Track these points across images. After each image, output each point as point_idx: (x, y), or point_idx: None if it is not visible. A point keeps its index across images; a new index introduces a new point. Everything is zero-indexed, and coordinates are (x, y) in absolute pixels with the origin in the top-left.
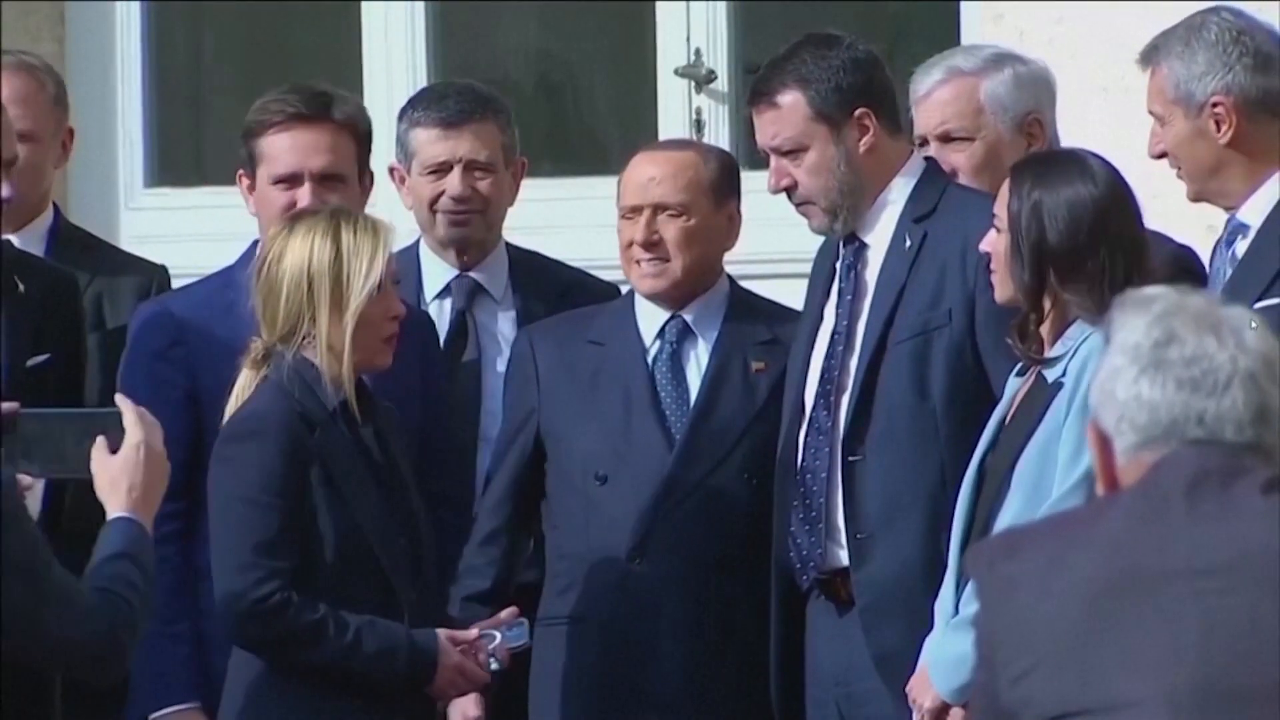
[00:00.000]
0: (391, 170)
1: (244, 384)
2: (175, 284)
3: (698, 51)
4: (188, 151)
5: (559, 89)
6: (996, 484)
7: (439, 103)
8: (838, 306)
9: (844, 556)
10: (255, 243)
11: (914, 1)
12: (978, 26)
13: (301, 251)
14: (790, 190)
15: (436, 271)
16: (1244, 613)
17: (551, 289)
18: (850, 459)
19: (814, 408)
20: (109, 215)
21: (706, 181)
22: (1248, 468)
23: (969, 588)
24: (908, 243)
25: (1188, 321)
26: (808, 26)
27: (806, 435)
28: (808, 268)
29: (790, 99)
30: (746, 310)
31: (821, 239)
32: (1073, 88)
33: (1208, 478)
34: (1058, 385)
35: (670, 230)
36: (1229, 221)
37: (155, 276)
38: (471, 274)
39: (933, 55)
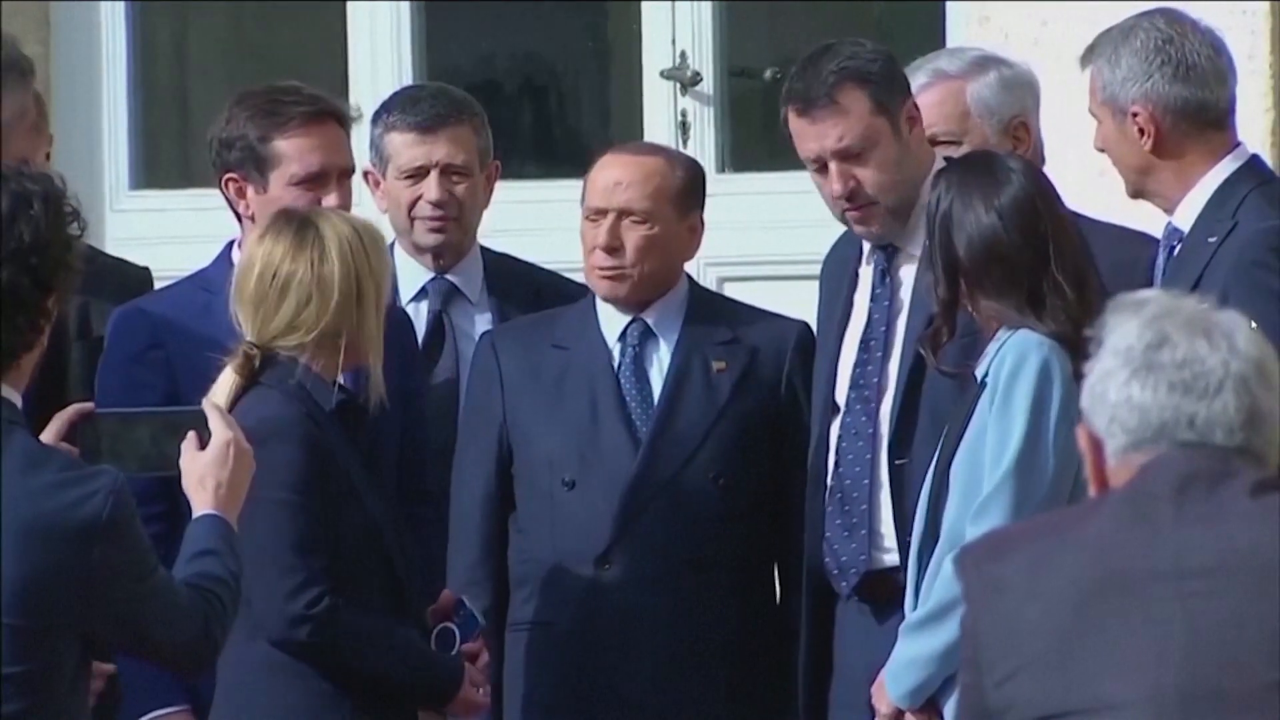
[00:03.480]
0: (366, 174)
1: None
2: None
3: (683, 54)
4: (173, 154)
5: (544, 91)
6: (938, 485)
7: (414, 106)
8: (872, 311)
9: (887, 559)
10: (230, 244)
11: (899, 3)
12: (963, 28)
13: (341, 256)
14: (853, 194)
15: (412, 274)
16: (1229, 616)
17: (526, 291)
18: (897, 462)
19: (848, 412)
20: (94, 217)
21: (673, 190)
22: (1236, 470)
23: (938, 590)
24: None
25: (1180, 324)
26: (793, 29)
27: (841, 440)
28: (796, 270)
29: (851, 96)
30: (706, 310)
31: (825, 242)
32: (1057, 89)
33: (1196, 480)
34: (983, 385)
35: (632, 237)
36: (1167, 226)
37: (140, 280)
38: (447, 276)
39: (918, 57)
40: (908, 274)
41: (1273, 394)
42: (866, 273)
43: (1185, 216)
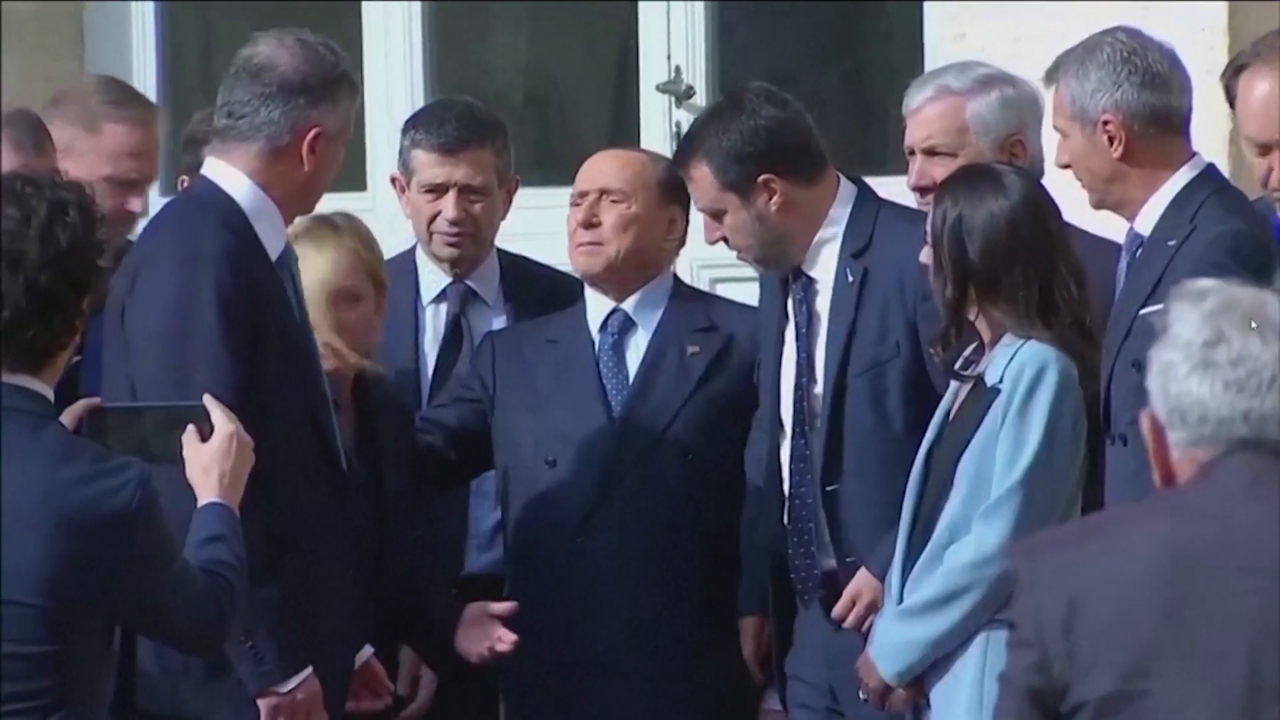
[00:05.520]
0: (394, 179)
1: None
2: None
3: (677, 69)
4: None
5: (546, 102)
6: (941, 480)
7: (439, 127)
8: (796, 339)
9: (829, 563)
10: None
11: (882, 22)
12: (941, 45)
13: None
14: (725, 242)
15: (432, 278)
16: None
17: (540, 292)
18: (829, 488)
19: (794, 435)
20: None
21: (651, 178)
22: None
23: (940, 581)
24: (850, 279)
25: (1235, 321)
26: (780, 48)
27: (791, 462)
28: None
29: (699, 172)
30: (687, 302)
31: None
32: None
33: (1263, 480)
34: (995, 390)
35: (610, 215)
36: (1129, 232)
37: None
38: (466, 281)
39: (900, 72)
40: (823, 304)
41: None
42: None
43: (1146, 222)
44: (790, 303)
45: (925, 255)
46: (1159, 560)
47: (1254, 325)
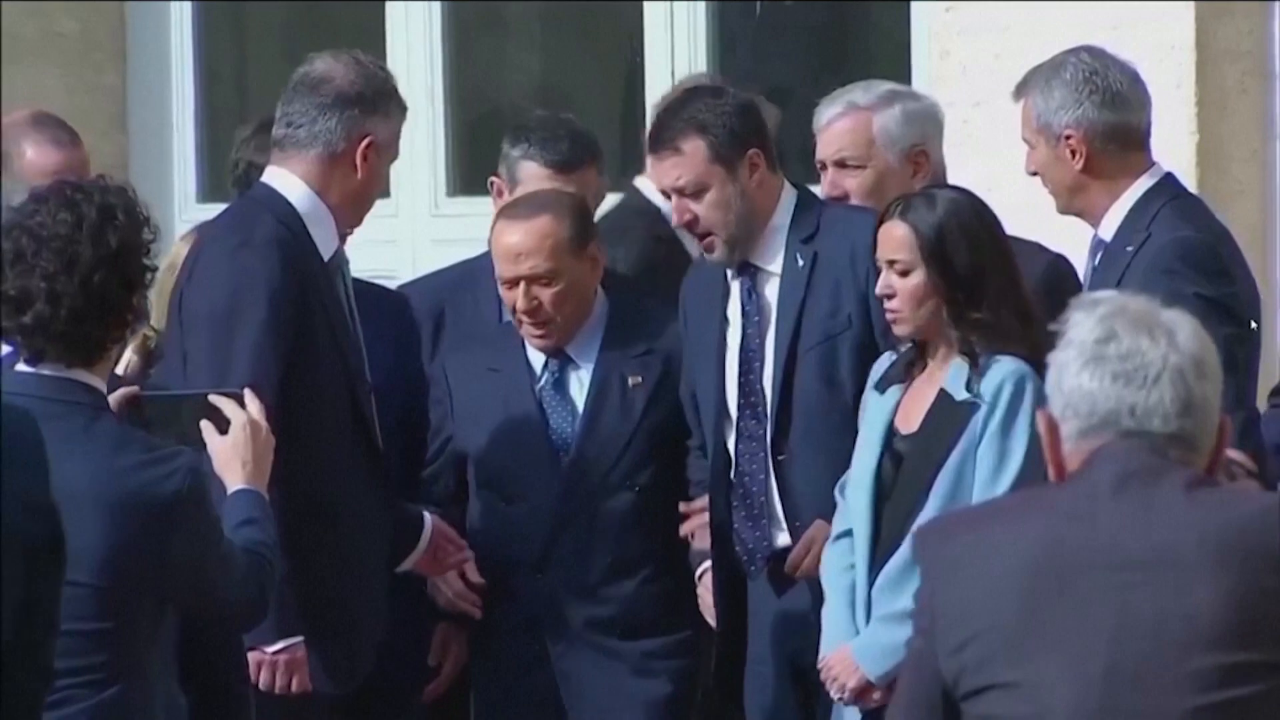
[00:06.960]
0: (491, 183)
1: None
2: None
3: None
4: None
5: None
6: (914, 491)
7: (554, 144)
8: (744, 326)
9: (782, 540)
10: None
11: (871, 39)
12: (926, 62)
13: None
14: (691, 225)
15: None
16: (1154, 608)
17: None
18: (779, 458)
19: (740, 418)
20: (165, 227)
21: (566, 241)
22: (1171, 466)
23: (902, 573)
24: (800, 263)
25: (1127, 322)
26: (778, 62)
27: (739, 443)
28: None
29: (691, 145)
30: (622, 326)
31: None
32: (1007, 116)
33: (1133, 477)
34: (973, 405)
35: (545, 295)
36: (1094, 238)
37: None
38: None
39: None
40: (771, 291)
41: (1208, 384)
42: (736, 292)
43: (1108, 229)
44: (738, 293)
45: (882, 287)
46: (1028, 559)
47: (1146, 325)
